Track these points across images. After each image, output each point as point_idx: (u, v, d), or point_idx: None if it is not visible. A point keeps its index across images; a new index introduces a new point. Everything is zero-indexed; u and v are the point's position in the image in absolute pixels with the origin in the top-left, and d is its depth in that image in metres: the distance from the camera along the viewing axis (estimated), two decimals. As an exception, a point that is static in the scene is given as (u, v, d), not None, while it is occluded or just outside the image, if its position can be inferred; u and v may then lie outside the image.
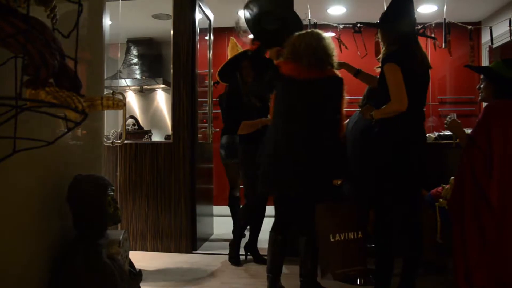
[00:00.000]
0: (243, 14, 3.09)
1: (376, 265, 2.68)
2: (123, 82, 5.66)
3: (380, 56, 2.74)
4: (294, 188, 2.64)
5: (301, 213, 2.80)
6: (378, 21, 2.82)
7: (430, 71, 2.74)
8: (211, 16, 4.89)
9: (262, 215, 3.72)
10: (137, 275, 2.15)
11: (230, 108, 3.73)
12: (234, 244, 3.69)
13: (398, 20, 2.65)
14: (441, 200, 2.87)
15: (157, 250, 4.05)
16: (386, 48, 2.71)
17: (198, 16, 4.34)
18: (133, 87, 5.93)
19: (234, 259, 3.64)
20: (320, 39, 2.69)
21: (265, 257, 3.02)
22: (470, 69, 3.10)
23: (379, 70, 2.68)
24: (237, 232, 3.72)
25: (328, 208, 2.91)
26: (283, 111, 2.74)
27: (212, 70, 4.76)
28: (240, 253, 3.71)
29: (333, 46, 2.73)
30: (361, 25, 4.56)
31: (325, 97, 2.69)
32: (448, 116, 2.78)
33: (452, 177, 2.75)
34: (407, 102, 2.47)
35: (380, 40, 2.82)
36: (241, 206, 3.88)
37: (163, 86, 5.87)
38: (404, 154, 2.55)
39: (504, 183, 2.36)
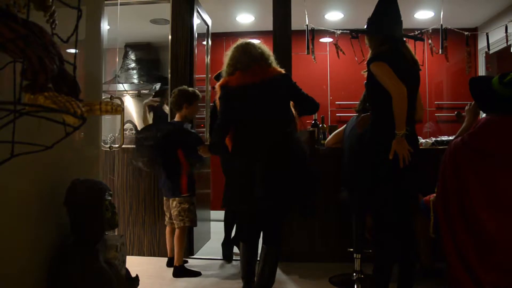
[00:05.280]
0: None
1: (375, 271, 2.68)
2: (120, 87, 5.66)
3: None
4: (261, 203, 2.59)
5: (269, 224, 2.76)
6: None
7: (426, 76, 2.75)
8: (209, 21, 4.90)
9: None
10: (134, 280, 2.14)
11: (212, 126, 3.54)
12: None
13: (383, 21, 2.65)
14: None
15: (154, 255, 4.04)
16: (374, 50, 2.69)
17: (196, 21, 4.35)
18: (130, 92, 5.93)
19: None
20: (254, 46, 2.73)
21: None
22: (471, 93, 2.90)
23: (366, 74, 2.66)
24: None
25: None
26: (239, 122, 2.69)
27: (210, 75, 4.77)
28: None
29: (266, 49, 2.77)
30: (355, 35, 4.57)
31: (274, 96, 2.65)
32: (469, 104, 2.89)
33: None
34: (404, 90, 2.44)
35: (368, 44, 2.75)
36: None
37: (160, 90, 5.87)
38: (397, 159, 2.55)
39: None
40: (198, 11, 4.40)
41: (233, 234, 4.02)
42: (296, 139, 2.69)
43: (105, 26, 2.38)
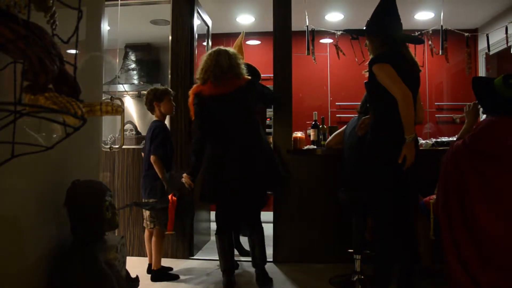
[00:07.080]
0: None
1: (375, 272, 2.68)
2: (121, 87, 5.66)
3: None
4: (237, 196, 2.98)
5: (248, 214, 3.14)
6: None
7: (426, 77, 2.75)
8: (209, 22, 4.90)
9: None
10: (134, 281, 2.14)
11: None
12: None
13: (383, 23, 2.65)
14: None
15: (154, 256, 4.03)
16: (375, 52, 2.70)
17: (196, 22, 4.35)
18: (131, 92, 5.92)
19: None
20: (224, 56, 2.98)
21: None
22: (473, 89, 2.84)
23: (367, 74, 2.67)
24: None
25: None
26: (212, 129, 3.02)
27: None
28: None
29: (238, 57, 3.04)
30: (355, 36, 4.56)
31: (242, 104, 2.99)
32: (469, 104, 2.89)
33: None
34: (409, 92, 2.46)
35: (367, 46, 2.78)
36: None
37: (161, 91, 5.86)
38: (397, 161, 2.55)
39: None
40: (198, 12, 4.40)
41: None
42: (263, 138, 3.09)
43: (105, 26, 2.38)
